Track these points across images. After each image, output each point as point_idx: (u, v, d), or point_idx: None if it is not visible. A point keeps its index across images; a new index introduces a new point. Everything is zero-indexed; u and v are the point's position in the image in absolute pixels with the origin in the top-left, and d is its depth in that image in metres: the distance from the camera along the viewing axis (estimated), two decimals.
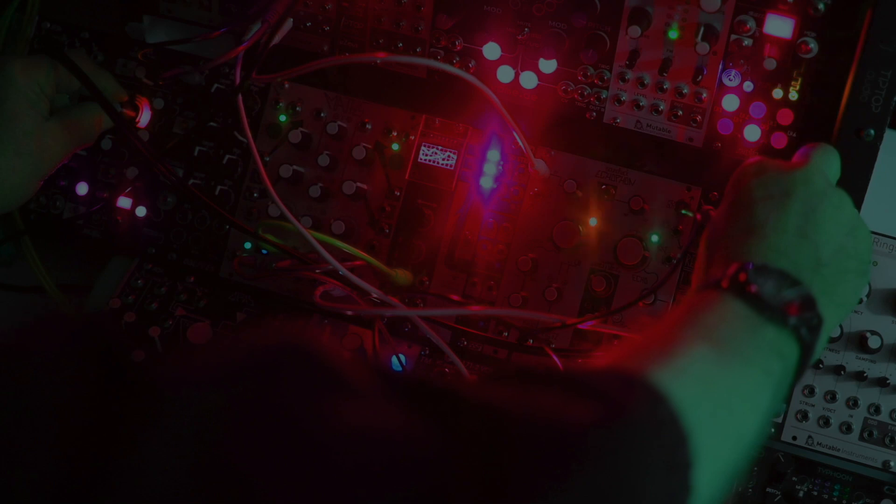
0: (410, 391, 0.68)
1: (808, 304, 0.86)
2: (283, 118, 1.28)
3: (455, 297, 1.21)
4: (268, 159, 1.27)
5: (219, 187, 1.29)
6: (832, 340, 1.15)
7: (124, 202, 1.32)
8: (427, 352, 1.24)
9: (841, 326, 1.15)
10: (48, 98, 1.22)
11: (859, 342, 1.15)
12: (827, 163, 1.01)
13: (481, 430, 0.64)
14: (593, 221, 1.21)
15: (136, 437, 0.61)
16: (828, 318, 0.88)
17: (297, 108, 1.28)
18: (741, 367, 0.79)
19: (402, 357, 1.21)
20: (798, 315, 0.84)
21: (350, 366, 0.68)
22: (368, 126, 1.26)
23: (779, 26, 1.09)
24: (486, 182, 1.23)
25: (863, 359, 1.15)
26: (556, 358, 1.16)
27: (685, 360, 0.76)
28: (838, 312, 0.94)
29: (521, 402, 0.67)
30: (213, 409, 0.63)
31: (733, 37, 1.11)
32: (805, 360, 0.85)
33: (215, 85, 1.30)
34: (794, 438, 1.16)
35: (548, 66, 1.19)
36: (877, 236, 1.16)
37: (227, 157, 1.29)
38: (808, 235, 0.91)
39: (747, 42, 1.11)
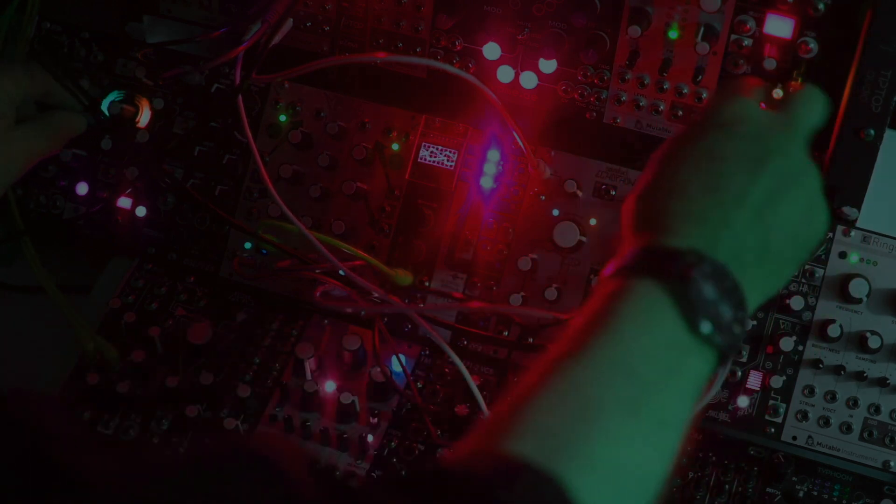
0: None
1: (742, 320, 0.76)
2: (283, 118, 1.28)
3: (456, 294, 1.21)
4: (268, 159, 1.27)
5: (219, 187, 1.29)
6: (832, 340, 1.15)
7: (124, 202, 1.31)
8: (427, 352, 1.24)
9: (841, 326, 1.15)
10: (16, 106, 1.22)
11: (859, 342, 1.15)
12: (810, 114, 0.90)
13: None
14: (593, 221, 1.21)
15: None
16: (748, 311, 0.79)
17: (297, 108, 1.28)
18: (657, 434, 0.71)
19: (402, 357, 1.21)
20: (728, 336, 0.75)
21: (302, 480, 0.65)
22: (368, 126, 1.26)
23: (779, 26, 1.09)
24: (486, 182, 1.23)
25: (863, 359, 1.15)
26: None
27: (595, 446, 0.67)
28: (757, 302, 0.82)
29: None
30: None
31: (733, 37, 1.11)
32: (715, 375, 0.78)
33: (215, 85, 1.30)
34: (794, 438, 1.16)
35: (548, 66, 1.19)
36: (877, 236, 1.15)
37: (227, 157, 1.29)
38: (764, 217, 0.80)
39: (747, 42, 1.11)
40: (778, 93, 1.12)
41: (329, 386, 1.21)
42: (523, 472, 0.64)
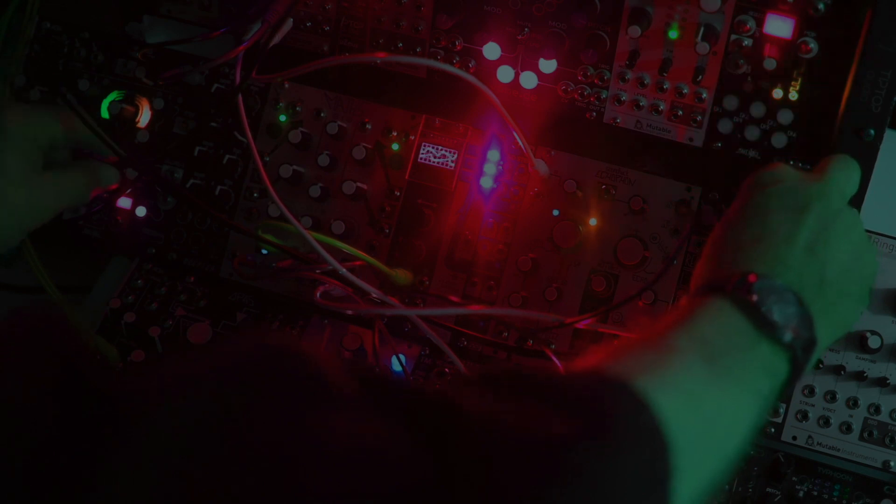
0: (396, 402, 0.68)
1: (807, 323, 0.86)
2: (283, 118, 1.28)
3: (454, 298, 1.21)
4: (268, 159, 1.27)
5: (219, 187, 1.29)
6: None
7: (124, 202, 1.32)
8: (427, 352, 1.24)
9: None
10: (42, 151, 1.19)
11: (859, 342, 1.15)
12: (846, 178, 1.01)
13: (467, 448, 0.63)
14: (593, 221, 1.21)
15: (103, 455, 0.60)
16: (821, 339, 0.88)
17: (297, 108, 1.28)
18: (731, 386, 0.79)
19: (402, 357, 1.21)
20: (795, 334, 0.84)
21: (334, 372, 0.67)
22: (368, 126, 1.26)
23: (779, 26, 1.09)
24: (486, 182, 1.23)
25: (863, 359, 1.15)
26: (556, 360, 1.16)
27: (675, 372, 0.76)
28: (832, 333, 0.94)
29: (500, 415, 0.66)
30: (192, 421, 0.62)
31: (733, 37, 1.11)
32: (793, 379, 0.85)
33: (215, 85, 1.30)
34: (794, 438, 1.16)
35: (548, 66, 1.19)
36: (877, 236, 1.15)
37: (227, 157, 1.29)
38: (816, 252, 0.91)
39: (747, 42, 1.11)
40: (778, 93, 1.13)
41: None
42: (605, 378, 0.72)
